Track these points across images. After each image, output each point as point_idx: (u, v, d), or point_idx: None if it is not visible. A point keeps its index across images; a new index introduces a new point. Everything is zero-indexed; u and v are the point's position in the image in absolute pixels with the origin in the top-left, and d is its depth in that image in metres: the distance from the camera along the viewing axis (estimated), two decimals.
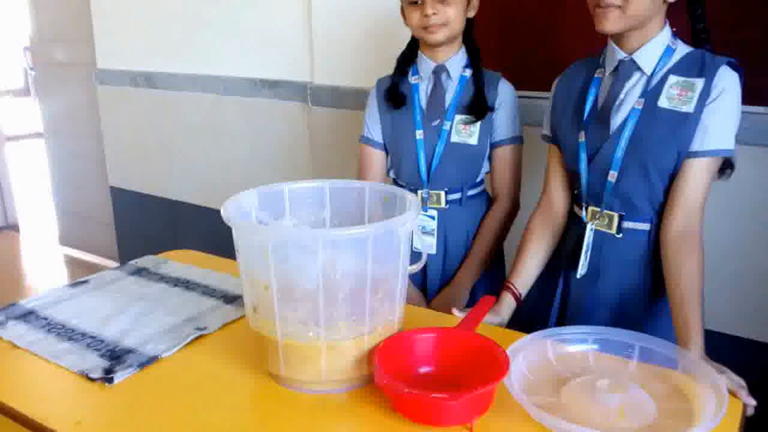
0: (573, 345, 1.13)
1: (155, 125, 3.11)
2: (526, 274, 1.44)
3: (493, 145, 1.60)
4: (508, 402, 0.96)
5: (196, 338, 1.21)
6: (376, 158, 1.68)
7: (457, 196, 1.61)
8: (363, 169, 1.70)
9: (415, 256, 1.13)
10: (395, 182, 1.71)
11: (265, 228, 1.08)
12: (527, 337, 1.12)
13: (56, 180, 3.97)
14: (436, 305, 1.61)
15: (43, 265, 3.92)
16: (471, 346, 1.05)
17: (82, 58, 3.39)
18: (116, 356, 1.14)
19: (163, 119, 3.06)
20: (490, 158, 1.62)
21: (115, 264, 3.61)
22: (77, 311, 1.32)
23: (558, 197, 1.47)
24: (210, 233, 2.90)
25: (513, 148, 1.61)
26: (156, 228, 3.27)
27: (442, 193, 1.60)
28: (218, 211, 1.02)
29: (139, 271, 1.54)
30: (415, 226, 0.99)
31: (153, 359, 1.13)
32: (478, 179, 1.64)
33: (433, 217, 1.62)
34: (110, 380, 1.06)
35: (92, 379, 1.07)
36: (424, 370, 1.05)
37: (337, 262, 0.95)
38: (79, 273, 3.74)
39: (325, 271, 0.95)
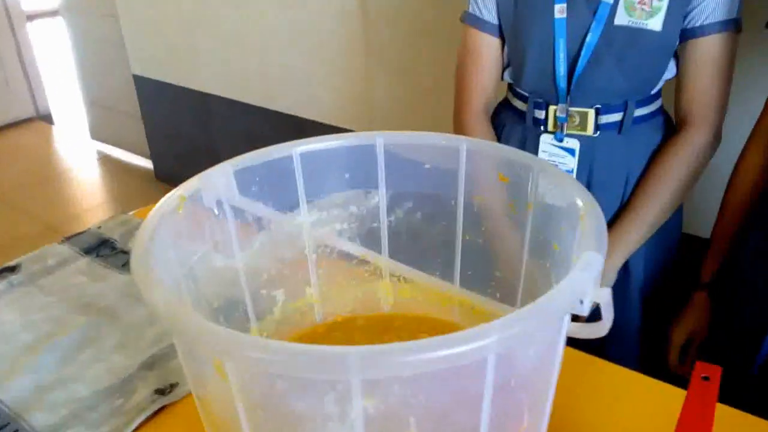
0: None
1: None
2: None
3: (690, 33, 0.92)
4: None
5: (155, 413, 0.69)
6: (489, 49, 1.04)
7: (615, 117, 0.97)
8: (466, 67, 1.06)
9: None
10: (512, 90, 1.07)
11: (216, 332, 0.38)
12: None
13: (80, 66, 3.46)
14: None
15: (76, 163, 3.50)
16: None
17: None
18: None
19: None
20: (679, 56, 0.96)
21: (147, 164, 3.14)
22: None
23: None
24: (247, 133, 2.38)
25: (724, 40, 0.92)
26: (187, 124, 2.76)
27: (591, 112, 0.97)
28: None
29: (98, 248, 1.00)
30: (604, 294, 0.37)
31: None
32: (654, 90, 0.98)
33: (572, 151, 0.99)
34: None
35: None
36: None
37: (402, 405, 0.37)
38: (112, 174, 3.31)
39: (375, 428, 0.37)
